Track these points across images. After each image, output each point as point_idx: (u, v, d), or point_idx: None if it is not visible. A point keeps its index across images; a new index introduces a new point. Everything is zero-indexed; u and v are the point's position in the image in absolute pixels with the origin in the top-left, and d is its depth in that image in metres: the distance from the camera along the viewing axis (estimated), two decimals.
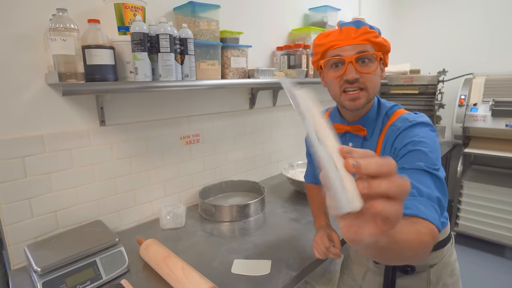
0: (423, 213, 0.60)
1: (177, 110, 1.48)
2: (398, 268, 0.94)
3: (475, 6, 2.88)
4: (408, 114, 0.82)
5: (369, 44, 0.77)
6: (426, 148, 0.71)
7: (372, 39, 0.77)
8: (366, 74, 0.77)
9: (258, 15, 1.78)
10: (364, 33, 0.76)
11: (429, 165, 0.69)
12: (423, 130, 0.75)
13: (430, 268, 0.93)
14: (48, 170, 1.11)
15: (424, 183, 0.67)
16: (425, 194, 0.64)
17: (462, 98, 2.55)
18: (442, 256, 0.94)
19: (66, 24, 0.91)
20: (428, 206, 0.62)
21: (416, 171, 0.69)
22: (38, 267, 0.89)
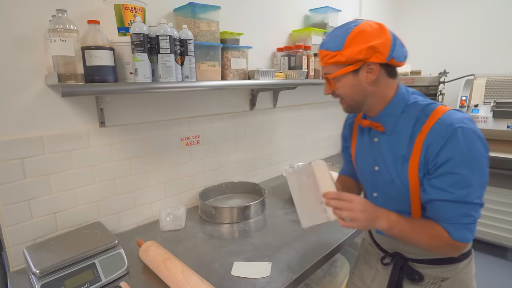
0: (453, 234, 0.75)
1: (177, 111, 1.47)
2: (405, 274, 0.91)
3: (476, 7, 2.88)
4: (452, 114, 0.76)
5: (329, 65, 0.83)
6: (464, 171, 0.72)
7: (330, 61, 0.81)
8: (335, 90, 0.85)
9: (259, 16, 1.78)
10: (322, 58, 0.84)
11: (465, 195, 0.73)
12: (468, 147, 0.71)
13: (442, 282, 0.88)
14: (47, 172, 1.11)
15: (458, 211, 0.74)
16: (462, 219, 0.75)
17: (463, 99, 2.54)
18: (457, 271, 0.88)
19: (66, 25, 0.91)
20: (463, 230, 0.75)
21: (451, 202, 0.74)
22: (37, 269, 0.88)
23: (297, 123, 2.19)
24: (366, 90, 0.82)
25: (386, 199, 0.90)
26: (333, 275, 1.39)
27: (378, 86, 0.83)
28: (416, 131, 0.79)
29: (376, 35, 0.77)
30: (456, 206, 0.74)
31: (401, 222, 0.79)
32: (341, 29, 0.81)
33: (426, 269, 0.89)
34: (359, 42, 0.77)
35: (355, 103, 0.86)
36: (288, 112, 2.09)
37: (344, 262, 1.50)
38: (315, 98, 2.31)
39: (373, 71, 0.79)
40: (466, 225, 0.75)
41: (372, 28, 0.78)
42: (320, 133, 2.39)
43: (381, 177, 0.89)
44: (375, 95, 0.84)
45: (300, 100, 2.18)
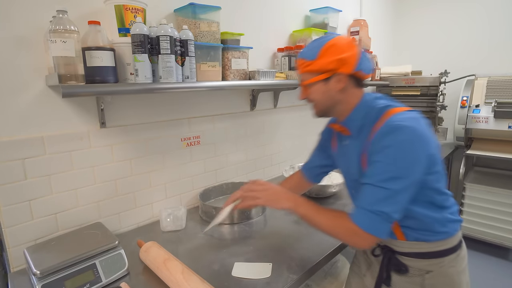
0: (354, 216, 0.83)
1: (177, 112, 1.47)
2: (392, 265, 0.97)
3: (477, 7, 2.87)
4: (398, 115, 0.83)
5: (303, 73, 0.92)
6: (385, 159, 0.80)
7: (304, 69, 0.91)
8: (308, 96, 0.95)
9: (259, 17, 1.78)
10: (300, 65, 0.93)
11: (376, 178, 0.81)
12: (392, 137, 0.80)
13: (426, 274, 0.93)
14: (48, 172, 1.11)
15: (372, 197, 0.81)
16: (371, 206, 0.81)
17: (464, 100, 2.54)
18: (441, 265, 0.93)
19: (66, 26, 0.91)
20: (365, 215, 0.81)
21: (366, 186, 0.83)
22: (37, 269, 0.88)
23: (298, 124, 2.19)
24: (335, 97, 0.92)
25: (357, 195, 0.95)
26: (334, 275, 1.39)
27: (346, 94, 0.92)
28: (369, 132, 0.89)
29: (345, 49, 0.86)
30: (368, 190, 0.82)
31: (307, 204, 0.92)
32: (317, 41, 0.90)
33: (412, 262, 0.95)
34: (330, 54, 0.86)
35: (325, 108, 0.96)
36: (288, 112, 2.09)
37: (345, 262, 1.50)
38: None
39: (341, 81, 0.89)
40: (371, 212, 0.80)
41: (343, 43, 0.88)
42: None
43: (350, 176, 1.01)
44: (343, 102, 0.93)
45: (300, 101, 2.17)
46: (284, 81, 1.64)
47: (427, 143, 0.81)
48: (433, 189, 0.87)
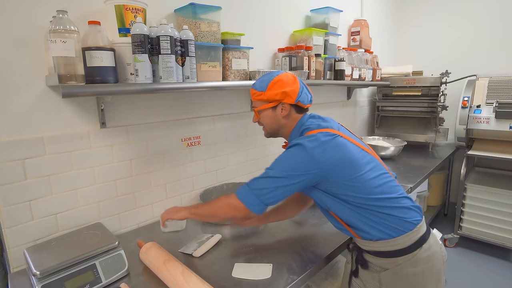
0: (238, 192, 1.00)
1: (178, 112, 1.47)
2: (358, 260, 1.08)
3: (478, 7, 2.87)
4: (303, 137, 1.01)
5: (256, 101, 1.10)
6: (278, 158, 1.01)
7: (256, 98, 1.09)
8: (258, 119, 1.13)
9: (260, 17, 1.78)
10: (253, 94, 1.11)
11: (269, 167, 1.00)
12: (290, 149, 0.99)
13: (382, 272, 1.01)
14: (48, 172, 1.11)
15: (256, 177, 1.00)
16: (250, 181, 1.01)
17: (465, 100, 2.53)
18: (396, 264, 0.98)
19: (66, 26, 0.90)
20: (245, 188, 1.00)
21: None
22: (37, 270, 0.88)
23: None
24: (280, 122, 1.10)
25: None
26: (334, 276, 1.38)
27: (289, 119, 1.10)
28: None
29: (289, 84, 1.06)
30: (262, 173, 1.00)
31: (197, 207, 1.10)
32: (267, 76, 1.09)
33: (372, 259, 1.04)
34: (277, 87, 1.05)
35: (272, 131, 1.14)
36: None
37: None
38: (316, 98, 2.30)
39: (285, 109, 1.08)
40: (250, 185, 0.99)
41: (288, 79, 1.07)
42: None
43: None
44: (286, 126, 1.11)
45: None
46: None
47: (311, 159, 0.94)
48: (353, 196, 0.96)
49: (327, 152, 0.94)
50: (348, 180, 0.95)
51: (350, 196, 0.97)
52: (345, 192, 0.96)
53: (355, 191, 0.96)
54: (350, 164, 0.95)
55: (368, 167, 0.98)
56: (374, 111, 3.05)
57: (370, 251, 1.03)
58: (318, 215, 1.45)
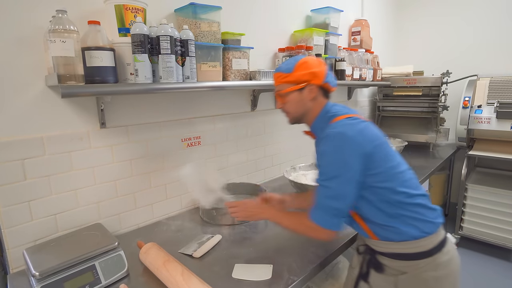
0: (310, 214, 0.97)
1: (178, 112, 1.47)
2: (371, 263, 1.04)
3: (479, 7, 2.86)
4: (333, 124, 0.99)
5: (281, 84, 1.06)
6: (324, 163, 0.96)
7: (282, 80, 1.05)
8: (283, 105, 1.09)
9: (260, 17, 1.77)
10: (278, 77, 1.07)
11: (321, 178, 0.96)
12: (327, 144, 0.95)
13: (400, 275, 0.96)
14: (47, 173, 1.11)
15: (319, 195, 0.96)
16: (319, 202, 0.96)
17: (466, 100, 2.53)
18: (416, 268, 0.95)
19: (66, 26, 0.90)
20: (318, 211, 0.96)
21: (318, 186, 0.98)
22: (36, 271, 0.88)
23: (299, 124, 2.17)
24: (306, 105, 1.06)
25: None
26: (335, 277, 1.38)
27: (315, 103, 1.06)
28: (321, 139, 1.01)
29: (316, 65, 1.03)
30: (318, 189, 0.97)
31: (278, 214, 1.08)
32: (292, 59, 1.06)
33: (388, 261, 1.00)
34: (304, 68, 1.02)
35: (298, 116, 1.09)
36: None
37: (346, 264, 1.49)
38: None
39: (312, 90, 1.04)
40: (321, 208, 0.95)
41: (313, 60, 1.05)
42: None
43: None
44: (311, 110, 1.07)
45: None
46: None
47: (357, 145, 0.92)
48: (383, 188, 0.94)
49: (368, 137, 0.93)
50: (384, 169, 0.94)
51: (382, 189, 0.94)
52: (378, 184, 0.94)
53: (387, 182, 0.94)
54: (386, 152, 0.95)
55: (398, 159, 0.98)
56: (374, 111, 3.05)
57: (387, 253, 0.99)
58: None
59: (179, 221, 1.43)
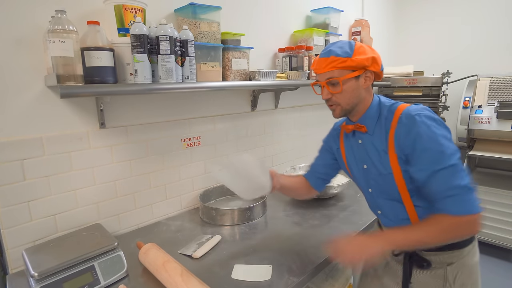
0: (449, 210, 0.81)
1: (177, 113, 1.47)
2: (414, 262, 0.98)
3: (480, 7, 2.86)
4: (410, 107, 0.91)
5: (336, 70, 0.92)
6: (432, 145, 0.83)
7: (339, 65, 0.91)
8: (336, 94, 0.95)
9: (260, 17, 1.77)
10: (332, 62, 0.92)
11: (442, 161, 0.82)
12: (426, 126, 0.85)
13: (447, 266, 0.95)
14: (47, 173, 1.10)
15: (446, 181, 0.81)
16: (452, 190, 0.81)
17: (466, 100, 2.52)
18: (461, 256, 0.95)
19: (65, 26, 0.90)
20: (466, 196, 0.80)
21: (435, 173, 0.82)
22: (35, 271, 0.88)
23: (299, 124, 2.18)
24: (361, 94, 0.96)
25: (379, 192, 1.00)
26: (334, 278, 1.38)
27: (368, 92, 0.98)
28: (387, 128, 0.93)
29: (372, 51, 0.95)
30: (441, 176, 0.82)
31: (396, 236, 0.87)
32: (343, 41, 0.95)
33: (433, 256, 0.96)
34: (363, 53, 0.92)
35: (350, 107, 0.97)
36: (289, 113, 2.08)
37: None
38: (317, 99, 2.29)
39: (369, 78, 0.95)
40: (459, 196, 0.81)
41: (367, 46, 0.96)
42: (322, 134, 2.36)
43: (370, 173, 1.00)
44: (364, 100, 0.98)
45: (301, 101, 2.16)
46: (285, 82, 1.63)
47: (444, 125, 0.88)
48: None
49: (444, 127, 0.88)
50: None
51: None
52: None
53: None
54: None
55: None
56: None
57: (431, 247, 0.95)
58: (318, 216, 1.44)
59: (179, 222, 1.43)
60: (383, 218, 1.05)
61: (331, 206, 1.56)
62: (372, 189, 1.02)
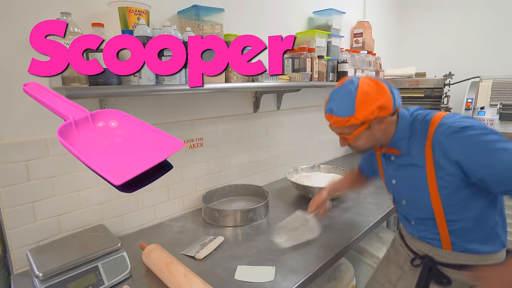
0: None
1: (180, 114, 1.47)
2: (433, 276, 0.94)
3: (482, 8, 2.85)
4: (447, 119, 0.86)
5: (343, 127, 0.91)
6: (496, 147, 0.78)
7: (345, 125, 0.89)
8: (350, 142, 0.95)
9: (262, 18, 1.78)
10: (335, 122, 0.90)
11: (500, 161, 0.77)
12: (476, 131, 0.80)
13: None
14: (51, 174, 1.11)
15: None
16: None
17: (468, 102, 2.52)
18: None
19: (70, 28, 0.91)
20: None
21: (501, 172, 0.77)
22: (39, 272, 0.88)
23: (301, 126, 2.18)
24: (378, 136, 0.93)
25: (411, 206, 0.99)
26: (337, 279, 1.38)
27: (386, 128, 0.92)
28: (423, 140, 0.89)
29: (379, 94, 0.86)
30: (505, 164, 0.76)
31: None
32: (343, 92, 0.89)
33: (455, 274, 0.92)
34: (367, 104, 0.85)
35: (368, 149, 0.97)
36: (292, 114, 2.08)
37: (348, 266, 1.48)
38: (319, 100, 2.30)
39: (383, 122, 0.89)
40: None
41: (372, 88, 0.86)
42: (324, 136, 2.38)
43: (401, 188, 1.00)
44: (385, 135, 0.94)
45: (304, 103, 2.17)
46: (288, 83, 1.64)
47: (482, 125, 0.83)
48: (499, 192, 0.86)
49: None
50: None
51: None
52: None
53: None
54: None
55: None
56: None
57: (455, 265, 0.91)
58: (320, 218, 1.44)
59: (182, 223, 1.43)
60: (413, 230, 1.03)
61: (334, 208, 1.55)
62: (406, 202, 1.01)
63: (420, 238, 1.00)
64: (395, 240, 1.19)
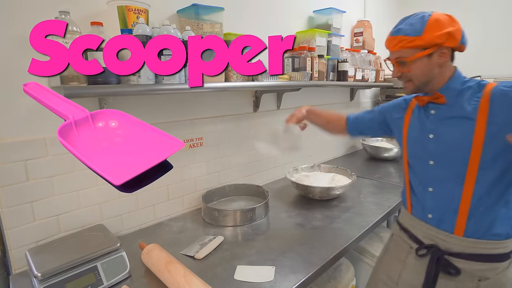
0: None
1: (180, 113, 1.47)
2: (441, 267, 0.91)
3: (483, 7, 2.85)
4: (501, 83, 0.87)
5: (404, 49, 0.90)
6: None
7: (407, 45, 0.89)
8: (403, 73, 0.94)
9: (262, 18, 1.77)
10: (399, 42, 0.90)
11: None
12: None
13: (479, 282, 0.86)
14: (50, 174, 1.11)
15: None
16: None
17: None
18: (496, 272, 0.86)
19: (69, 27, 0.90)
20: None
21: None
22: (38, 272, 0.88)
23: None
24: (434, 71, 0.91)
25: (443, 165, 0.93)
26: (337, 279, 1.37)
27: (443, 68, 0.92)
28: (478, 94, 0.88)
29: (450, 23, 0.88)
30: None
31: None
32: (415, 18, 0.91)
33: (464, 264, 0.89)
34: (437, 28, 0.86)
35: (422, 84, 0.94)
36: None
37: (349, 266, 1.48)
38: (319, 99, 2.29)
39: (444, 54, 0.89)
40: None
41: (445, 18, 0.89)
42: (324, 135, 2.37)
43: (437, 142, 0.94)
44: (439, 76, 0.92)
45: (304, 102, 2.16)
46: (288, 83, 1.63)
47: None
48: None
49: None
50: None
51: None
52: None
53: None
54: None
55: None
56: None
57: (462, 254, 0.88)
58: (320, 217, 1.44)
59: (181, 222, 1.43)
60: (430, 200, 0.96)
61: (334, 207, 1.55)
62: (435, 162, 0.94)
63: (432, 218, 0.94)
64: (394, 234, 1.15)
